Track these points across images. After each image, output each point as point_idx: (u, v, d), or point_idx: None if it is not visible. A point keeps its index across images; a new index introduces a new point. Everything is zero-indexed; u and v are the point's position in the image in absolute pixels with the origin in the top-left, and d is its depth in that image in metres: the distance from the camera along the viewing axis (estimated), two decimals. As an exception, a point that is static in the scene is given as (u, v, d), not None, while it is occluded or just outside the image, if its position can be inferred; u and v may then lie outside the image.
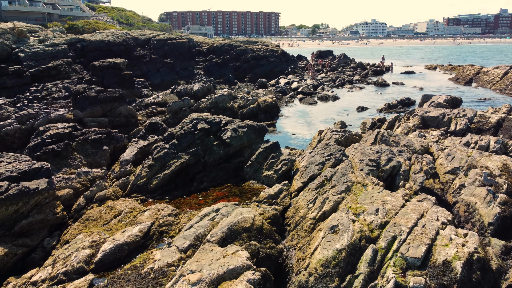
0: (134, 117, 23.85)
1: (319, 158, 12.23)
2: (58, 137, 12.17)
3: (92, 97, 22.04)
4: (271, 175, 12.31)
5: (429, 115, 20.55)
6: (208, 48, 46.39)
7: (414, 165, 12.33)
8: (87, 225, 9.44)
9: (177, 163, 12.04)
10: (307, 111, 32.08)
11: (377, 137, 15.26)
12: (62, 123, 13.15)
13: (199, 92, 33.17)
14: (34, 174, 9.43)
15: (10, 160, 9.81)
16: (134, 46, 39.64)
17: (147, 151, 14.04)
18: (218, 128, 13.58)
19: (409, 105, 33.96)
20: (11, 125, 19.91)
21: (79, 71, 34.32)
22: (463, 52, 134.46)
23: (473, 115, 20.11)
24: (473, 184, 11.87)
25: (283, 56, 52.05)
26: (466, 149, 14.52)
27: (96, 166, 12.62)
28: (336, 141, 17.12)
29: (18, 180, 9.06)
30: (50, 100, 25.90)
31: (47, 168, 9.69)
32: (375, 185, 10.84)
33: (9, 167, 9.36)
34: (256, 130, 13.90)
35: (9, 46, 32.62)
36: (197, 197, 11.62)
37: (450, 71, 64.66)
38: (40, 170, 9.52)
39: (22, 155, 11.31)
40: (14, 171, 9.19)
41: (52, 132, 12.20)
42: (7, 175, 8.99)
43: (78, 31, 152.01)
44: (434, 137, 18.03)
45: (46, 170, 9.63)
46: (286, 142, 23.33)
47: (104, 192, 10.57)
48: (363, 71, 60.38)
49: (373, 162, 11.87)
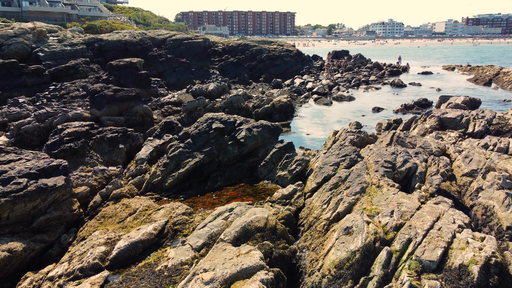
0: (150, 116, 24.08)
1: (333, 158, 12.15)
2: (75, 135, 12.38)
3: (109, 96, 22.34)
4: (285, 175, 12.29)
5: (447, 116, 20.23)
6: (224, 48, 46.56)
7: (430, 167, 12.15)
8: (103, 222, 9.57)
9: (191, 162, 12.12)
10: (322, 112, 31.92)
11: (393, 138, 15.09)
12: (79, 122, 13.35)
13: (214, 92, 33.32)
14: (52, 172, 9.62)
15: (29, 157, 10.02)
16: (150, 46, 40.04)
17: (162, 150, 14.16)
18: (232, 128, 13.62)
19: (426, 106, 33.47)
20: (30, 123, 20.32)
21: (96, 71, 34.83)
22: (482, 52, 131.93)
23: (492, 117, 19.70)
24: (491, 187, 11.64)
25: (298, 56, 51.89)
26: (485, 151, 14.23)
27: (112, 164, 12.79)
28: (351, 141, 16.99)
29: (36, 177, 9.25)
30: (68, 99, 26.35)
31: (64, 166, 9.86)
32: (391, 186, 10.72)
33: (28, 164, 9.57)
34: (271, 130, 13.89)
35: (29, 45, 33.30)
36: (211, 196, 11.67)
37: (469, 71, 63.52)
38: (58, 168, 9.70)
39: (41, 153, 11.53)
40: (33, 168, 9.39)
41: (70, 130, 12.42)
42: (26, 172, 9.19)
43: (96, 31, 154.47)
44: (451, 138, 17.75)
45: (63, 167, 9.80)
46: (301, 142, 23.25)
47: (119, 190, 10.70)
48: (379, 71, 59.79)
49: (388, 163, 11.74)
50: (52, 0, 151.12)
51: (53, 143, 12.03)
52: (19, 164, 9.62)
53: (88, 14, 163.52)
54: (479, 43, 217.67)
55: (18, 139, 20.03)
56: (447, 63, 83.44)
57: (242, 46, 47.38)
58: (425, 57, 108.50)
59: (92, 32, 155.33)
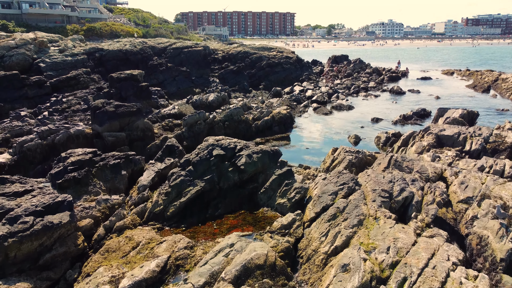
0: (151, 131, 24.34)
1: (332, 187, 12.41)
2: (79, 164, 12.63)
3: (110, 112, 22.60)
4: (284, 203, 12.55)
5: (444, 133, 20.48)
6: (224, 55, 46.81)
7: (426, 196, 12.41)
8: (107, 257, 9.83)
9: (193, 190, 12.38)
10: (321, 122, 32.16)
11: (390, 161, 15.34)
12: (82, 149, 13.60)
13: (214, 102, 33.57)
14: (57, 207, 9.87)
15: (33, 188, 10.27)
16: (151, 55, 40.29)
17: (164, 174, 14.41)
18: (233, 154, 13.87)
19: (425, 117, 33.76)
20: (32, 141, 20.61)
21: (97, 81, 35.07)
22: (481, 54, 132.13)
23: (489, 135, 19.97)
24: (486, 216, 11.90)
25: (298, 62, 52.13)
26: (481, 175, 14.49)
27: (115, 191, 13.04)
28: (350, 162, 17.25)
29: (42, 214, 9.51)
30: (70, 112, 26.59)
31: (69, 201, 10.12)
32: (387, 218, 10.98)
33: (34, 201, 9.82)
34: (270, 155, 14.15)
35: (31, 56, 33.54)
36: (212, 226, 11.93)
37: (468, 77, 63.78)
38: (63, 203, 9.96)
39: (45, 183, 11.78)
40: (39, 206, 9.64)
41: (74, 159, 12.67)
42: (32, 210, 9.44)
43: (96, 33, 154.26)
44: (448, 158, 18.00)
45: (68, 203, 10.06)
46: (300, 157, 23.50)
47: (122, 222, 10.96)
48: (378, 77, 60.02)
49: (385, 192, 12.00)
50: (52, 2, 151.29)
51: (57, 172, 12.28)
52: (25, 200, 9.87)
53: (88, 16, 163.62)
54: (479, 44, 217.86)
55: (21, 156, 20.32)
56: (446, 66, 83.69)
57: (242, 54, 47.63)
58: (424, 59, 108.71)
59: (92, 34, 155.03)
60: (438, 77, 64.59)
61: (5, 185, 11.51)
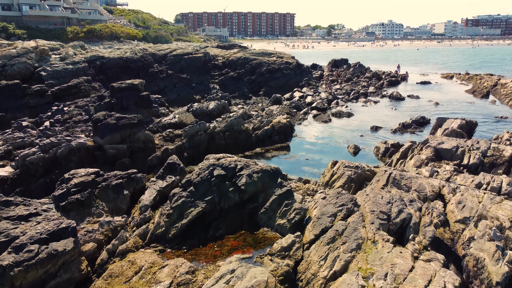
0: (152, 142, 24.54)
1: (331, 208, 12.61)
2: (82, 186, 12.83)
3: (111, 124, 22.80)
4: (284, 224, 12.75)
5: (443, 147, 20.68)
6: (224, 61, 47.01)
7: (424, 217, 12.61)
8: (110, 283, 10.02)
9: (194, 212, 12.58)
10: (321, 131, 32.35)
11: (389, 179, 15.54)
12: (85, 170, 13.79)
13: (214, 111, 33.76)
14: (62, 234, 10.07)
15: (38, 211, 10.47)
16: (151, 62, 40.48)
17: (165, 192, 14.60)
18: (233, 173, 14.07)
19: (424, 124, 33.95)
20: (35, 154, 20.83)
21: (98, 89, 35.27)
22: (481, 56, 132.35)
23: (487, 148, 20.16)
24: (483, 237, 12.10)
25: (297, 68, 52.33)
26: (478, 193, 14.68)
27: (117, 211, 13.24)
28: (349, 178, 17.44)
29: (47, 241, 9.70)
30: (71, 123, 26.79)
31: (73, 228, 10.31)
32: (385, 241, 11.17)
33: (39, 228, 10.02)
34: (270, 174, 14.35)
35: (32, 65, 33.73)
36: (213, 247, 12.13)
37: (467, 81, 63.97)
38: (67, 230, 10.15)
39: (49, 204, 11.97)
40: (44, 233, 9.84)
41: (77, 181, 12.86)
42: (37, 237, 9.64)
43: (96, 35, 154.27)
44: (446, 173, 18.18)
45: (72, 229, 10.25)
46: (299, 168, 23.71)
47: (125, 245, 11.15)
48: (378, 81, 60.23)
49: (383, 214, 12.19)
50: (52, 4, 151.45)
51: (61, 194, 12.47)
52: (30, 227, 10.07)
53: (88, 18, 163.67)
54: (478, 45, 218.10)
55: (24, 170, 20.53)
56: (445, 69, 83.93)
57: (242, 60, 47.81)
58: (424, 62, 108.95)
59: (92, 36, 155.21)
60: (438, 81, 64.79)
61: (9, 208, 11.71)
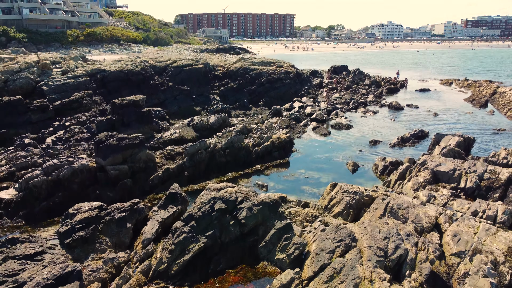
0: (153, 162, 24.86)
1: (329, 244, 12.91)
2: (86, 222, 13.14)
3: (113, 145, 23.12)
4: (283, 258, 13.06)
5: (440, 169, 21.00)
6: (224, 72, 47.31)
7: (420, 253, 12.92)
8: (115, 325, 10.33)
9: (195, 248, 12.89)
10: (320, 145, 32.63)
11: (387, 208, 15.86)
12: (89, 204, 14.11)
13: (214, 125, 34.10)
14: (67, 278, 10.37)
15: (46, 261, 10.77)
16: (152, 74, 40.79)
17: (167, 224, 14.91)
18: (234, 206, 14.38)
19: (422, 138, 34.26)
20: (38, 177, 21.15)
21: (99, 103, 35.57)
22: (480, 59, 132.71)
23: (483, 171, 20.46)
24: (477, 273, 12.41)
25: (297, 77, 52.65)
26: (473, 223, 14.99)
27: (120, 245, 13.55)
28: (347, 204, 17.76)
29: (53, 286, 10.01)
30: (73, 142, 27.09)
31: (78, 271, 10.62)
32: (382, 280, 11.49)
33: (45, 273, 10.32)
34: (270, 206, 14.66)
35: (34, 79, 34.04)
36: (214, 283, 12.45)
37: (466, 88, 64.34)
38: (72, 273, 10.46)
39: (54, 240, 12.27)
40: (50, 278, 10.14)
41: (81, 217, 13.18)
42: (44, 283, 9.94)
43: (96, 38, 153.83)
44: (443, 198, 18.50)
45: (77, 272, 10.56)
46: (298, 188, 24.01)
47: (128, 284, 11.47)
48: (377, 89, 60.57)
49: (381, 251, 12.51)
50: (52, 8, 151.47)
51: (65, 231, 12.78)
52: (37, 272, 10.37)
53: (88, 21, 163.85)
54: (478, 46, 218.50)
55: (27, 192, 20.86)
56: (445, 74, 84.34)
57: (242, 70, 48.11)
58: (423, 66, 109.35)
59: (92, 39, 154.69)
60: (437, 88, 65.11)
61: (15, 246, 12.02)
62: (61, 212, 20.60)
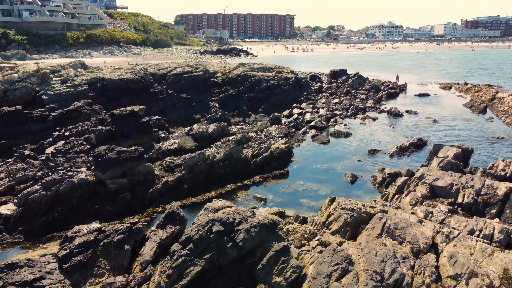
0: (152, 175, 24.97)
1: (326, 268, 13.01)
2: (84, 245, 13.24)
3: (112, 159, 23.24)
4: (281, 282, 13.14)
5: (438, 184, 21.09)
6: (223, 79, 47.41)
7: (416, 276, 13.01)
8: None
9: (193, 271, 12.98)
10: (319, 155, 32.72)
11: (384, 228, 15.94)
12: (87, 226, 14.20)
13: (214, 134, 34.19)
14: (67, 307, 10.50)
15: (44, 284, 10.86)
16: (151, 82, 40.88)
17: (166, 244, 15.00)
18: (231, 228, 14.46)
19: (421, 147, 34.33)
20: (37, 192, 21.26)
21: (99, 112, 35.67)
22: (480, 61, 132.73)
23: (481, 186, 20.54)
24: (473, 298, 12.51)
25: (296, 83, 52.73)
26: (470, 244, 15.09)
27: (118, 268, 13.64)
28: (345, 222, 17.84)
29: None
30: (73, 154, 27.19)
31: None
32: (378, 307, 11.59)
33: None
34: (268, 227, 14.74)
35: (34, 89, 34.14)
36: (212, 308, 12.53)
37: (465, 92, 64.45)
38: (71, 303, 10.58)
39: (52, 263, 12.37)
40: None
41: (79, 241, 13.27)
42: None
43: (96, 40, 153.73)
44: (441, 214, 18.59)
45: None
46: (297, 201, 24.09)
47: (127, 310, 11.60)
48: (376, 93, 60.68)
49: (377, 275, 12.60)
50: (52, 10, 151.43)
51: (64, 256, 12.88)
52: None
53: (88, 23, 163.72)
54: (478, 47, 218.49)
55: (26, 208, 20.97)
56: (444, 78, 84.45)
57: (241, 77, 48.20)
58: (423, 68, 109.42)
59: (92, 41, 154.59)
60: (436, 92, 65.17)
61: (14, 271, 12.12)
62: (60, 227, 20.88)
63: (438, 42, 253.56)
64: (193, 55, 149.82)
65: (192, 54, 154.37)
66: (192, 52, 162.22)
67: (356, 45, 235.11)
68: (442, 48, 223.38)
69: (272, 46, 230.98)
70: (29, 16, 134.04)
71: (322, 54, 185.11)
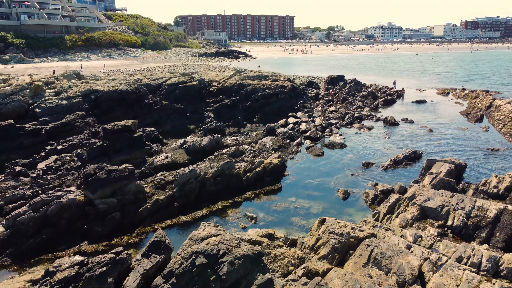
0: (143, 193, 24.85)
1: (309, 303, 12.89)
2: (65, 281, 13.11)
3: (102, 179, 23.14)
4: (264, 318, 13.03)
5: (428, 205, 20.99)
6: (218, 88, 47.28)
7: (400, 313, 12.89)
8: None
9: (175, 308, 12.87)
10: (312, 168, 32.58)
11: (370, 257, 15.83)
12: (69, 259, 14.08)
13: (207, 146, 34.09)
14: None
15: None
16: (146, 93, 40.76)
17: (150, 275, 14.88)
18: (215, 260, 14.35)
19: (415, 159, 34.19)
20: (25, 214, 21.16)
21: (92, 124, 35.56)
22: (479, 64, 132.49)
23: (471, 208, 20.41)
24: (457, 335, 12.40)
25: (292, 91, 52.60)
26: (456, 274, 14.98)
27: (101, 302, 13.52)
28: (333, 247, 17.72)
29: None
30: (63, 171, 27.08)
31: None
32: None
33: None
34: (253, 259, 14.63)
35: (26, 102, 34.04)
36: None
37: (463, 99, 64.35)
38: None
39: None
40: None
41: (60, 277, 13.15)
42: None
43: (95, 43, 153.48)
44: (430, 238, 18.49)
45: None
46: (288, 220, 23.96)
47: None
48: (373, 100, 60.57)
49: (360, 312, 12.47)
50: (50, 13, 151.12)
51: (45, 293, 12.79)
52: None
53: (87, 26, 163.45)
54: (478, 49, 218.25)
55: (14, 230, 20.87)
56: (442, 83, 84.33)
57: (236, 86, 48.07)
58: (422, 72, 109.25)
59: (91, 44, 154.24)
60: (433, 98, 65.03)
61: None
62: (49, 249, 20.81)
63: (438, 44, 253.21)
64: (192, 58, 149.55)
65: (191, 57, 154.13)
66: (191, 55, 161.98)
67: (355, 47, 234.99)
68: (441, 50, 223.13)
69: (272, 48, 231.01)
70: (28, 19, 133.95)
71: (321, 56, 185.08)
